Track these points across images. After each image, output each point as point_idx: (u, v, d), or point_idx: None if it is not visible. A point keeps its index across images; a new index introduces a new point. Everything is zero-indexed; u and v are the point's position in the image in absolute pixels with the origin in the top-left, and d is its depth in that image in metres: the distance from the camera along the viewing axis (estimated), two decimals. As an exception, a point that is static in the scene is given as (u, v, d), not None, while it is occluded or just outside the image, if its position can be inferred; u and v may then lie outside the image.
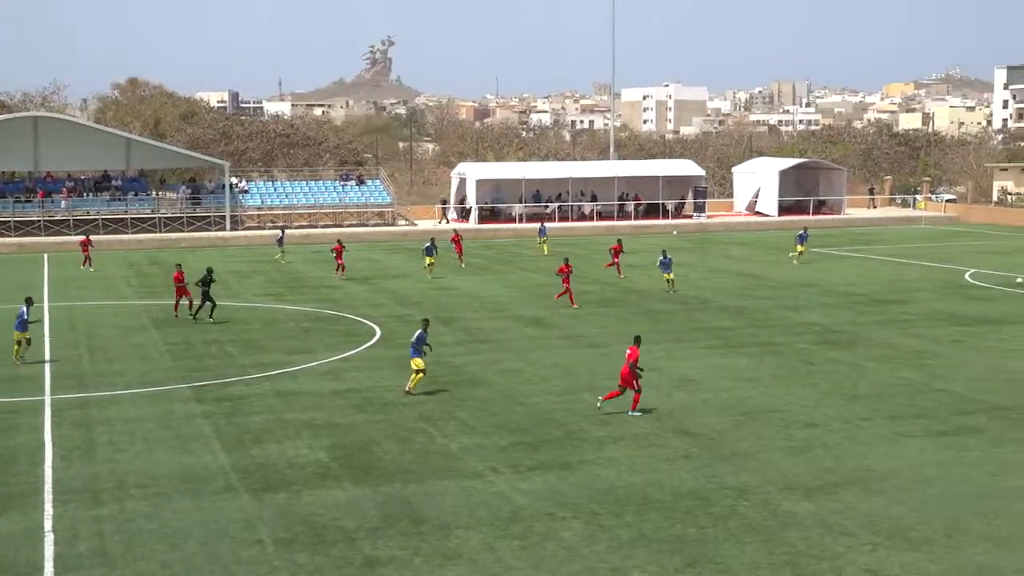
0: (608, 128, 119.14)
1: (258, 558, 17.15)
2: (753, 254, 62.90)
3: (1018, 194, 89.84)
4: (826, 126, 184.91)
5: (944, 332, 36.66)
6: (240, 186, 79.67)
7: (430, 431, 24.54)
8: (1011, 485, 20.56)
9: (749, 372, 30.50)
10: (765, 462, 22.05)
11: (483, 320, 39.69)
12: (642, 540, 17.82)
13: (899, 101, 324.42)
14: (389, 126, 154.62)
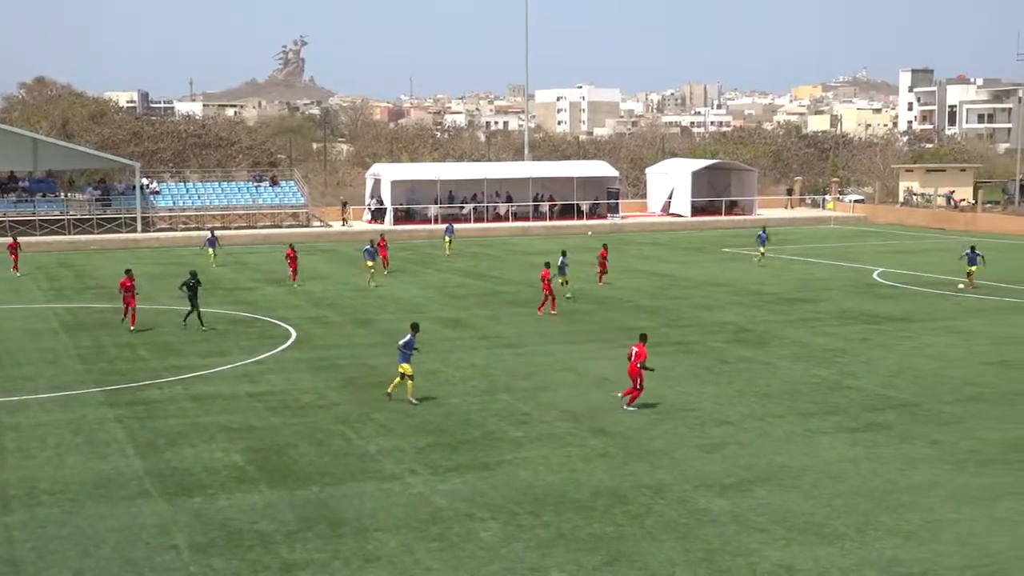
0: (523, 129, 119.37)
1: (174, 563, 16.93)
2: (667, 254, 63.48)
3: (923, 194, 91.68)
4: (737, 128, 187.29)
5: (853, 330, 37.29)
6: (151, 187, 78.53)
7: (347, 433, 24.41)
8: (919, 480, 20.99)
9: (665, 371, 30.72)
10: (681, 460, 22.27)
11: (401, 321, 39.40)
12: (560, 539, 17.89)
13: (808, 103, 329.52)
14: (303, 127, 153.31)
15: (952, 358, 32.48)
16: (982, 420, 25.25)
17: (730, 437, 23.94)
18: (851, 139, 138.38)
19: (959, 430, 24.44)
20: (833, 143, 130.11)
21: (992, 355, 32.88)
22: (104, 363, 32.43)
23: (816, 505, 19.51)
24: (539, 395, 27.87)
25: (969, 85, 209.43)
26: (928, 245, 68.49)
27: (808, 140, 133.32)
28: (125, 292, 37.66)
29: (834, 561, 16.94)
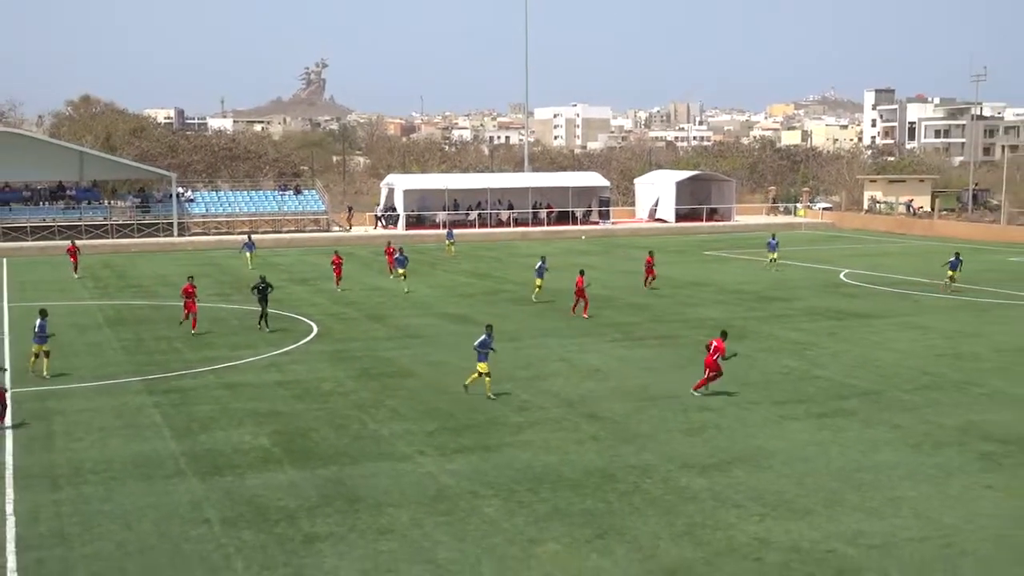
0: (523, 143, 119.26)
1: (206, 536, 16.98)
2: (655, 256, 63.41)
3: (885, 202, 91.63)
4: (717, 142, 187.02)
5: (822, 326, 37.32)
6: (186, 196, 78.74)
7: (363, 418, 24.45)
8: (881, 460, 21.02)
9: (651, 362, 30.80)
10: (665, 443, 22.30)
11: (411, 317, 39.59)
12: (556, 514, 17.93)
13: (781, 120, 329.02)
14: (323, 141, 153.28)
15: (910, 351, 32.52)
16: (937, 407, 25.29)
17: (710, 422, 23.98)
18: (820, 152, 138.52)
19: (916, 416, 24.48)
20: (804, 156, 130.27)
21: (946, 348, 32.93)
22: (143, 355, 32.47)
23: (788, 483, 19.55)
24: (537, 384, 27.90)
25: (927, 104, 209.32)
26: (890, 249, 68.52)
27: (781, 153, 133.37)
28: (187, 297, 36.05)
29: (804, 534, 16.98)
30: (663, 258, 61.66)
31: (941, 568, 15.66)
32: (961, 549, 16.37)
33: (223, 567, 15.76)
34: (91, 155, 78.22)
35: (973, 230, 78.20)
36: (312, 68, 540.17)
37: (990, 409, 25.06)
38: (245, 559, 16.05)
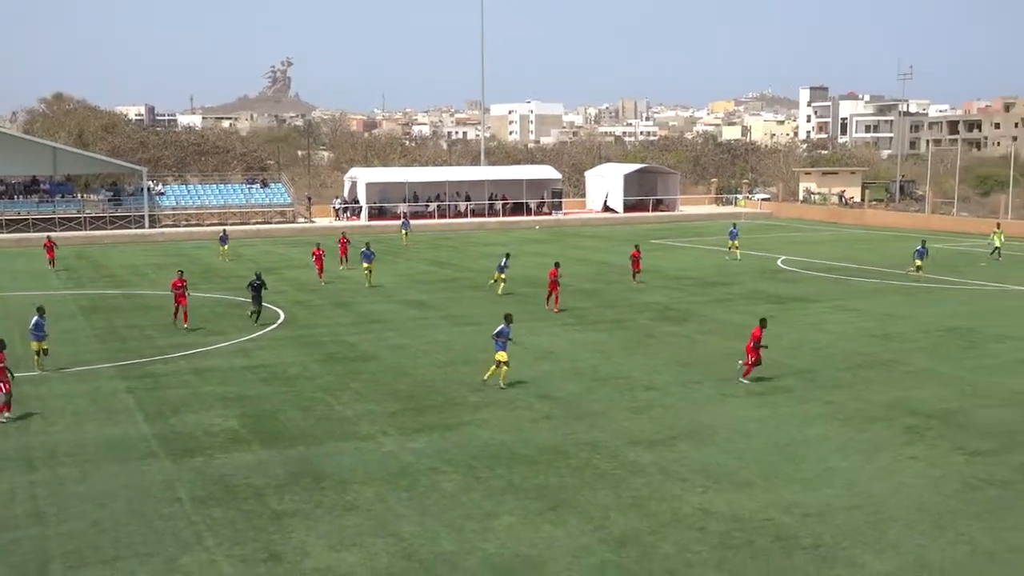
0: (479, 138, 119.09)
1: (178, 514, 16.85)
2: (603, 245, 63.66)
3: (819, 194, 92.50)
4: (662, 137, 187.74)
5: (761, 309, 37.56)
6: (157, 189, 77.80)
7: (328, 400, 24.35)
8: (815, 434, 21.25)
9: (600, 345, 30.91)
10: (614, 420, 22.40)
11: (374, 304, 39.43)
12: (511, 489, 17.97)
13: (722, 116, 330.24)
14: (289, 136, 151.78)
15: (843, 332, 32.87)
16: (867, 384, 25.59)
17: (656, 400, 24.11)
18: (759, 147, 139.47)
19: (848, 392, 24.76)
20: (743, 150, 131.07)
21: (876, 329, 33.31)
22: (116, 342, 32.10)
23: (729, 457, 19.72)
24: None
25: (858, 101, 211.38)
26: (824, 237, 69.17)
27: (722, 147, 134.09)
28: (177, 291, 33.91)
29: (744, 504, 17.14)
30: (611, 246, 61.93)
31: (870, 534, 15.87)
32: (888, 516, 16.60)
33: (194, 543, 15.65)
34: (64, 151, 76.99)
35: (900, 219, 79.15)
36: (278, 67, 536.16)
37: (915, 386, 25.40)
38: (215, 535, 15.95)
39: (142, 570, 14.70)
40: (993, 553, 15.16)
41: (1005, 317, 35.61)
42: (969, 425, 21.88)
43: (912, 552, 15.19)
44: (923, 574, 14.45)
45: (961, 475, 18.63)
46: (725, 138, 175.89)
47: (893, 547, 15.38)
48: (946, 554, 15.12)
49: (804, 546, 15.41)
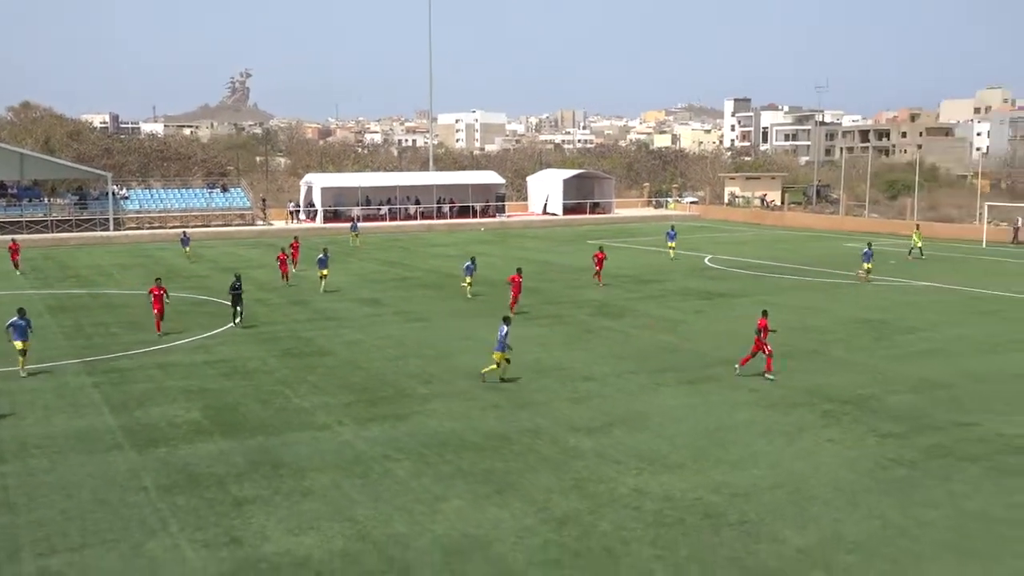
0: (428, 146, 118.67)
1: (143, 502, 16.59)
2: (545, 245, 63.78)
3: (743, 197, 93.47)
4: (598, 144, 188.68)
5: (690, 304, 37.92)
6: (121, 193, 76.37)
7: (286, 392, 24.11)
8: (741, 419, 21.47)
9: (542, 339, 30.95)
10: (555, 409, 22.44)
11: (329, 302, 39.11)
12: (460, 474, 17.93)
13: (654, 125, 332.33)
14: (248, 143, 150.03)
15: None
16: (789, 372, 25.89)
17: (594, 390, 24.20)
18: (687, 154, 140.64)
19: (772, 381, 25.02)
20: (673, 157, 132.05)
21: (796, 322, 33.71)
22: (83, 339, 31.50)
23: (661, 442, 19.85)
24: (442, 360, 27.84)
25: (778, 111, 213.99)
26: (748, 237, 69.91)
27: (654, 154, 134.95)
28: (154, 298, 32.02)
29: (675, 485, 17.27)
30: (552, 247, 62.07)
31: (791, 511, 16.07)
32: (808, 494, 16.83)
33: (159, 529, 15.41)
34: (31, 156, 75.35)
35: (817, 220, 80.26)
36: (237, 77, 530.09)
37: (833, 373, 25.76)
38: (179, 521, 15.72)
39: (109, 556, 14.45)
40: (902, 527, 15.43)
41: (912, 310, 36.28)
42: (881, 410, 22.25)
43: (829, 527, 15.41)
44: (839, 547, 14.66)
45: (874, 456, 18.94)
46: (656, 146, 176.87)
47: (812, 522, 15.59)
48: (860, 528, 15.36)
49: (731, 523, 15.56)
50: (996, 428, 20.74)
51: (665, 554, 14.43)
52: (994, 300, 38.85)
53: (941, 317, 34.76)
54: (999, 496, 16.77)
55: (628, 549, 14.61)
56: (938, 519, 15.74)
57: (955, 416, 21.69)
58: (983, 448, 19.39)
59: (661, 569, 13.93)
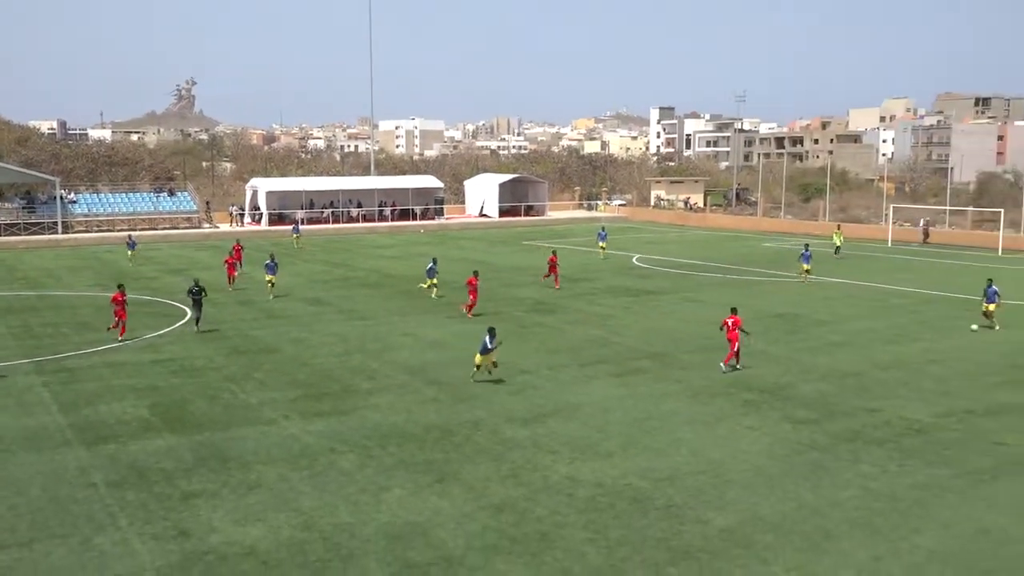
0: (369, 151, 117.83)
1: (92, 497, 16.24)
2: (482, 246, 63.75)
3: (668, 200, 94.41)
4: (532, 150, 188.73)
5: (619, 301, 38.21)
6: (69, 198, 74.54)
7: (233, 389, 23.78)
8: (667, 409, 21.71)
9: (480, 335, 30.87)
10: (492, 401, 22.47)
11: (274, 301, 38.63)
12: (402, 465, 17.87)
13: (584, 132, 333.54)
14: (194, 149, 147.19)
15: (690, 320, 33.63)
16: (710, 365, 26.22)
17: (529, 383, 24.27)
18: (616, 159, 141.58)
19: (695, 372, 25.36)
20: (603, 162, 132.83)
21: (717, 318, 33.99)
22: (32, 339, 30.70)
23: (592, 431, 19.98)
24: (384, 355, 27.70)
25: (700, 119, 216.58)
26: (672, 237, 70.63)
27: (585, 160, 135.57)
28: (117, 305, 30.34)
29: (606, 471, 17.40)
30: (488, 247, 62.08)
31: (713, 494, 16.30)
32: (728, 478, 17.09)
33: (108, 524, 15.11)
34: (-22, 162, 73.35)
35: (737, 221, 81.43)
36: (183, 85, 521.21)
37: (751, 365, 26.16)
38: (128, 516, 15.42)
39: (58, 550, 14.12)
40: (815, 507, 15.75)
41: (823, 305, 37.01)
42: (795, 398, 22.67)
43: (748, 508, 15.66)
44: (757, 527, 14.92)
45: (789, 441, 19.29)
46: (587, 151, 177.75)
47: (732, 504, 15.84)
48: (776, 509, 15.64)
49: (658, 506, 15.74)
50: (899, 412, 21.28)
51: (597, 537, 14.54)
52: (899, 295, 39.82)
53: (850, 311, 35.52)
54: (902, 476, 17.20)
55: (562, 533, 14.69)
56: (848, 499, 16.09)
57: (862, 402, 22.19)
58: (888, 431, 19.87)
59: (593, 551, 14.04)
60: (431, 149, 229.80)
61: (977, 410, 21.56)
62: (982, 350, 28.15)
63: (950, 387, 23.67)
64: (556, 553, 13.98)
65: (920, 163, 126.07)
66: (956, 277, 45.70)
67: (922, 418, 20.89)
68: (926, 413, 21.28)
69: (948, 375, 24.96)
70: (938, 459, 18.12)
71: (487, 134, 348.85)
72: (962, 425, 20.39)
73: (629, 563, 13.63)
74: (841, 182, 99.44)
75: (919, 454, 18.43)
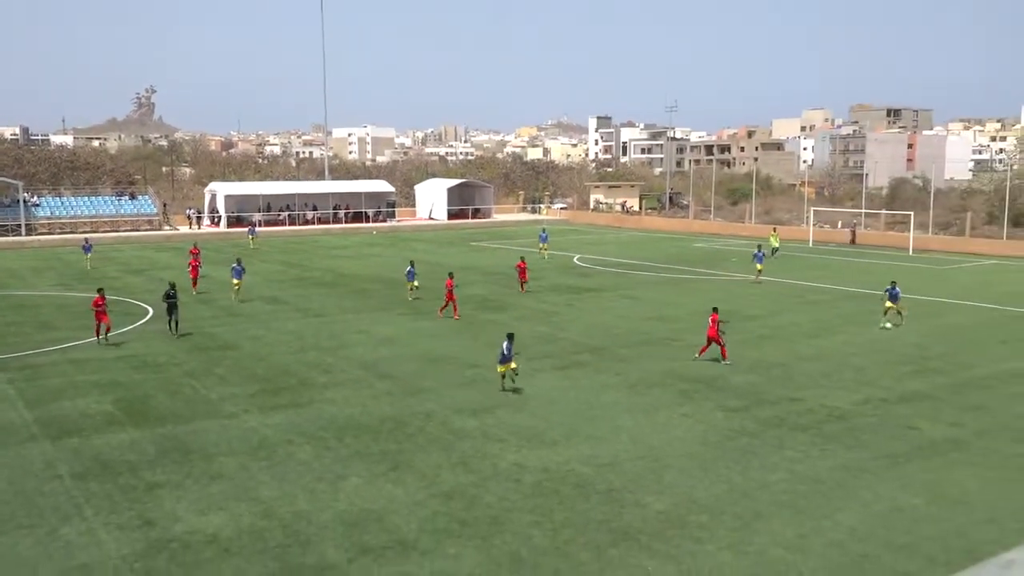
0: (323, 157, 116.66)
1: (58, 489, 15.85)
2: (431, 247, 63.49)
3: (606, 203, 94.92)
4: (478, 156, 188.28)
5: (562, 298, 38.33)
6: (32, 201, 72.67)
7: (194, 384, 23.39)
8: (607, 400, 21.83)
9: (432, 331, 30.83)
10: (443, 394, 22.39)
11: (234, 300, 38.05)
12: (357, 455, 17.73)
13: (527, 139, 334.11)
14: (154, 154, 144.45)
15: (628, 315, 33.86)
16: (648, 357, 26.46)
17: (478, 376, 24.23)
18: (557, 165, 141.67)
19: (633, 365, 25.53)
20: (545, 167, 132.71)
21: (653, 313, 34.49)
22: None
23: (538, 421, 20.02)
24: (339, 351, 27.45)
25: (635, 128, 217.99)
26: (610, 239, 71.03)
27: (528, 165, 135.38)
28: (97, 309, 28.63)
29: (551, 459, 17.45)
30: (438, 248, 61.85)
31: (651, 478, 16.44)
32: (665, 463, 17.24)
33: (74, 514, 14.76)
34: (-59, 166, 71.13)
35: (670, 223, 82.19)
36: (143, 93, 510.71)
37: (685, 358, 26.40)
38: (94, 507, 15.08)
39: (25, 541, 13.76)
40: (745, 489, 15.96)
41: (751, 301, 37.52)
42: (726, 388, 22.94)
43: (684, 492, 15.82)
44: (692, 509, 15.07)
45: (720, 428, 19.52)
46: (530, 158, 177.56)
47: (669, 488, 15.98)
48: (710, 492, 15.82)
49: (599, 491, 15.82)
50: (821, 401, 21.66)
51: (543, 520, 14.57)
52: (819, 292, 40.52)
53: (775, 307, 36.06)
54: (824, 459, 17.51)
55: (510, 517, 14.70)
56: (775, 481, 16.33)
57: (787, 392, 22.54)
58: (810, 418, 20.21)
59: (539, 534, 14.06)
60: (383, 155, 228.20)
61: (891, 398, 22.04)
62: (896, 342, 28.78)
63: (867, 377, 24.15)
64: (505, 536, 13.98)
65: (838, 169, 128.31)
66: (871, 275, 46.66)
67: (842, 406, 21.28)
68: (845, 401, 21.69)
69: (865, 365, 25.46)
70: (857, 443, 18.48)
71: (436, 141, 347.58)
72: (878, 412, 20.82)
73: (573, 544, 13.68)
74: (766, 187, 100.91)
75: (839, 439, 18.77)
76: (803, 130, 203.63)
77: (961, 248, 60.37)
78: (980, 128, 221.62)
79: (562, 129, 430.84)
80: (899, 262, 53.27)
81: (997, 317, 33.87)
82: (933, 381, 23.68)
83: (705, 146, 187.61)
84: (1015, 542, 13.48)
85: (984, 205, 71.84)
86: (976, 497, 15.62)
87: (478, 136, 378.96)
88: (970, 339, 29.37)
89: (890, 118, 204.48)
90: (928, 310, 35.04)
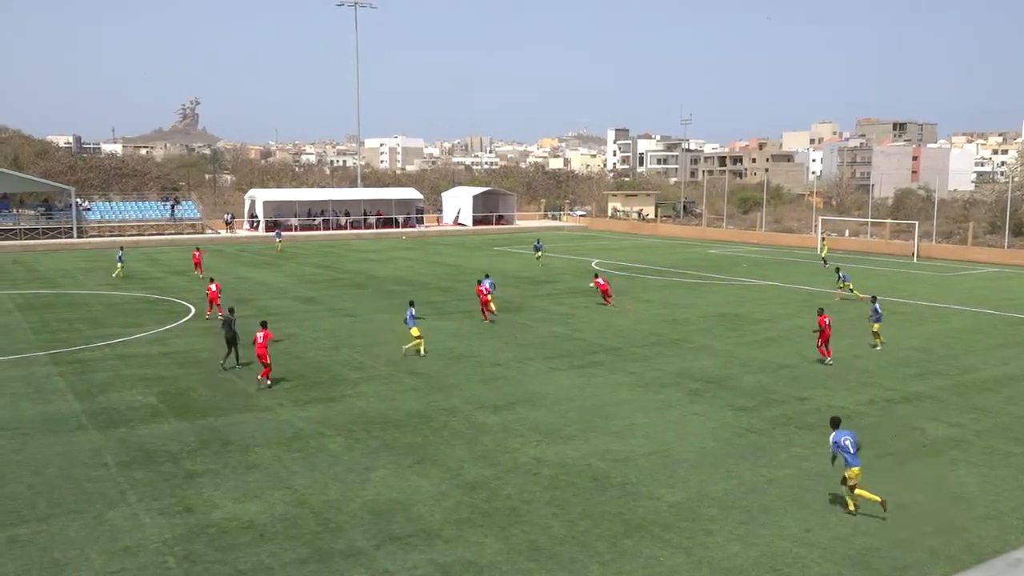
0: (356, 165, 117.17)
1: (104, 476, 16.01)
2: (457, 251, 63.58)
3: (623, 211, 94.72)
4: (502, 166, 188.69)
5: (579, 301, 38.25)
6: (84, 205, 73.56)
7: (233, 379, 23.54)
8: (622, 397, 21.76)
9: (455, 330, 30.87)
10: (466, 390, 22.41)
11: (270, 300, 38.33)
12: (385, 448, 17.77)
13: (548, 150, 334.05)
14: (197, 163, 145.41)
15: (642, 318, 33.74)
16: (660, 357, 26.35)
17: (499, 374, 24.23)
18: (577, 174, 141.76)
19: (646, 364, 25.44)
20: (565, 177, 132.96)
21: (666, 316, 34.35)
22: (48, 333, 30.21)
23: (556, 417, 19.98)
24: (370, 349, 27.53)
25: (651, 140, 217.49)
26: (626, 244, 70.87)
27: (549, 175, 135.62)
28: (211, 293, 31.10)
29: (568, 454, 17.41)
30: (462, 252, 61.94)
31: (664, 472, 16.36)
32: (677, 459, 17.15)
33: (119, 500, 14.89)
34: (1, 172, 72.01)
35: (684, 231, 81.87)
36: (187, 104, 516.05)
37: (697, 358, 26.31)
38: (138, 493, 15.21)
39: (73, 525, 13.90)
40: (754, 485, 15.85)
41: (760, 305, 37.29)
42: (736, 387, 22.81)
43: (695, 486, 15.73)
44: (703, 502, 14.99)
45: (731, 426, 19.40)
46: (551, 167, 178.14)
47: (681, 482, 15.90)
48: (719, 486, 15.72)
49: (614, 484, 15.76)
50: (827, 401, 21.48)
51: (560, 512, 14.54)
52: (826, 297, 40.18)
53: (783, 311, 35.81)
54: (829, 457, 17.32)
55: (529, 508, 14.68)
56: (783, 477, 16.21)
57: (795, 392, 22.38)
58: (817, 417, 20.04)
59: (557, 525, 14.03)
60: (412, 164, 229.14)
61: (895, 398, 21.82)
62: (900, 345, 28.49)
63: (871, 378, 23.92)
64: (524, 526, 13.96)
65: (845, 180, 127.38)
66: (876, 280, 46.21)
67: (847, 405, 21.09)
68: (850, 401, 21.49)
69: (870, 367, 25.23)
70: (861, 442, 18.29)
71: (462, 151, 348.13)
72: (882, 412, 20.62)
73: (589, 535, 13.64)
74: (776, 196, 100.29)
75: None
76: (812, 142, 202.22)
77: (963, 256, 59.70)
78: (982, 141, 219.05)
79: (582, 140, 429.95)
80: (905, 269, 52.75)
81: (998, 322, 33.47)
82: (935, 383, 23.42)
83: (718, 157, 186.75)
84: (1014, 537, 13.30)
85: (986, 215, 70.96)
86: (976, 494, 15.43)
87: (502, 147, 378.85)
88: (971, 343, 29.03)
89: (896, 131, 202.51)
90: (931, 315, 34.68)
